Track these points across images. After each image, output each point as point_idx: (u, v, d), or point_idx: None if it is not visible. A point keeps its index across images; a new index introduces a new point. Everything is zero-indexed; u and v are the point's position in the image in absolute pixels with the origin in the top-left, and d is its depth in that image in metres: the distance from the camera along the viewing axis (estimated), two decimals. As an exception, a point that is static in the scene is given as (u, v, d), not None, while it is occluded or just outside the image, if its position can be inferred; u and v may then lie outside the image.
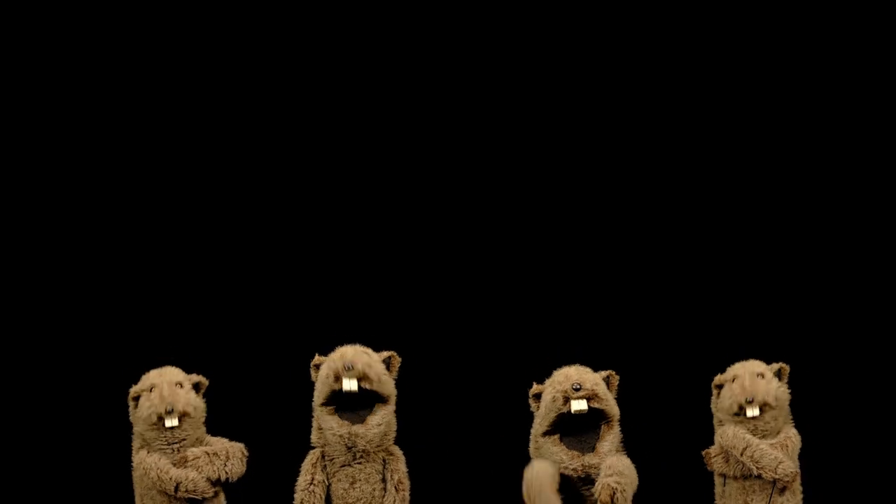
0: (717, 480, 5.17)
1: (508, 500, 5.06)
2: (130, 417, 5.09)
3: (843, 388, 6.21)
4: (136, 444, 5.10)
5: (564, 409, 4.87)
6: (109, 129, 6.35)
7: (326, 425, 4.94)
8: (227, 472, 5.02)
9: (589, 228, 6.37)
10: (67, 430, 6.24)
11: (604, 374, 4.99)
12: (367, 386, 4.90)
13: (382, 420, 4.95)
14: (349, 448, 4.94)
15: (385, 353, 5.03)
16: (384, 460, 4.99)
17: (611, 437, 4.93)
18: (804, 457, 5.11)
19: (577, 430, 4.94)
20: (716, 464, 5.11)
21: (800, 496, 5.09)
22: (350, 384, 4.87)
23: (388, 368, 5.01)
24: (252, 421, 5.81)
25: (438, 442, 5.15)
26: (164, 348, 5.64)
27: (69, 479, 6.22)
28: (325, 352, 5.08)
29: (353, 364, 4.88)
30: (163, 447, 5.02)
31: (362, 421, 4.94)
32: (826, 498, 5.59)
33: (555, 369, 5.02)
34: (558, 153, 6.41)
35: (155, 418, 4.98)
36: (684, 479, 5.37)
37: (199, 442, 5.09)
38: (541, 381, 5.03)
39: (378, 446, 4.97)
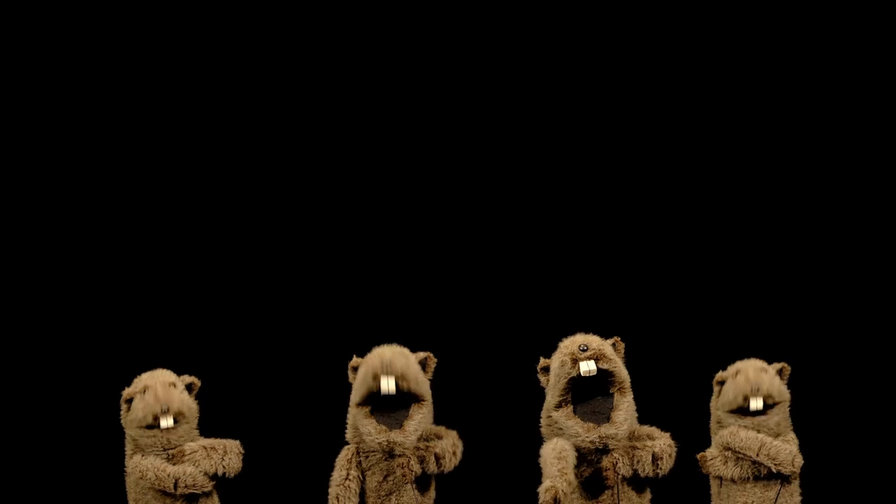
0: (713, 483, 5.20)
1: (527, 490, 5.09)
2: (122, 421, 5.15)
3: (840, 390, 6.26)
4: (128, 449, 5.17)
5: (574, 373, 4.88)
6: (106, 131, 6.40)
7: (364, 430, 4.97)
8: (224, 467, 5.09)
9: (593, 227, 6.44)
10: (59, 436, 6.25)
11: (610, 340, 5.02)
12: (404, 387, 4.94)
13: (419, 425, 4.98)
14: (387, 453, 4.99)
15: (421, 354, 5.08)
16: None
17: (625, 406, 4.94)
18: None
19: (589, 399, 4.94)
20: (713, 467, 5.13)
21: (798, 498, 5.14)
22: (388, 385, 4.91)
23: (423, 369, 5.07)
24: (260, 420, 5.96)
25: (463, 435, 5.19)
26: (158, 352, 5.70)
27: (61, 485, 6.23)
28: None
29: (392, 365, 4.93)
30: (157, 452, 5.10)
31: (398, 423, 4.98)
32: (824, 499, 5.65)
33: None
34: (567, 145, 6.46)
35: (150, 418, 5.06)
36: (682, 481, 5.37)
37: None
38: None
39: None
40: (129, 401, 5.13)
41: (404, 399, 5.01)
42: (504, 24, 6.45)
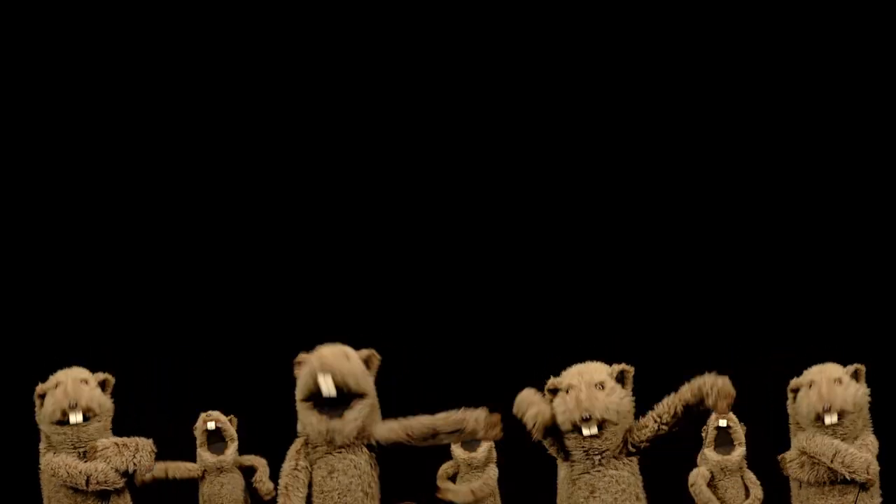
0: (793, 485, 5.21)
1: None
2: (36, 417, 5.20)
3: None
4: (43, 446, 5.21)
5: (572, 430, 4.84)
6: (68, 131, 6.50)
7: (307, 420, 5.04)
8: (135, 464, 5.12)
9: (604, 236, 6.54)
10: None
11: (617, 368, 4.92)
12: (344, 388, 4.98)
13: (359, 415, 5.02)
14: (329, 442, 5.04)
15: (365, 352, 5.12)
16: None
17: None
18: (882, 459, 5.11)
19: None
20: (791, 469, 5.15)
21: (879, 499, 5.12)
22: (329, 390, 4.96)
23: (367, 367, 5.10)
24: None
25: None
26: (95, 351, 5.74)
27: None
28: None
29: (332, 367, 4.97)
30: (68, 450, 5.13)
31: (340, 414, 5.01)
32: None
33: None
34: (588, 155, 6.56)
35: (59, 414, 5.09)
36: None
37: None
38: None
39: (357, 439, 5.06)
40: (43, 396, 5.17)
41: (348, 396, 5.05)
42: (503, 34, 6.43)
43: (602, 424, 4.73)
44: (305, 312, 6.43)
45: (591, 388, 4.75)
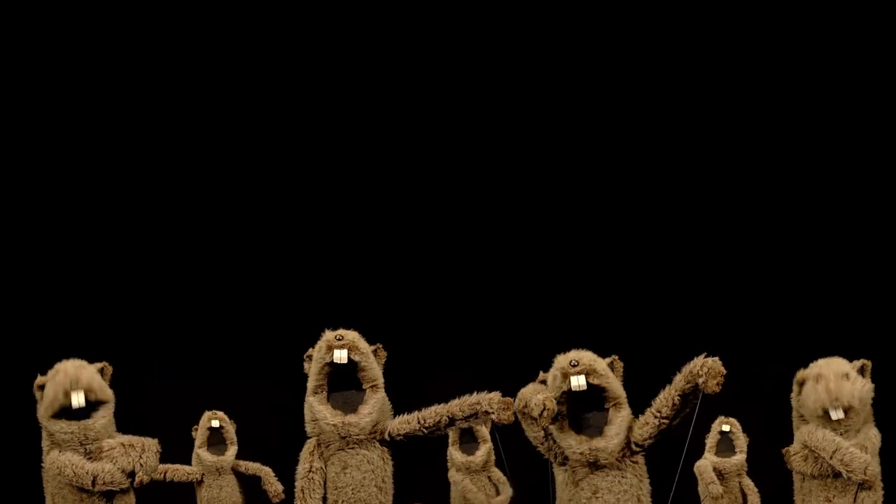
0: (796, 478, 5.24)
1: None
2: (38, 413, 5.16)
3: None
4: (45, 444, 5.19)
5: (565, 387, 4.88)
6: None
7: (320, 415, 5.12)
8: (141, 465, 5.12)
9: (603, 240, 6.57)
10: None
11: (608, 360, 5.01)
12: (355, 357, 5.11)
13: (374, 408, 5.12)
14: (343, 437, 5.11)
15: (372, 347, 5.23)
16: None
17: (619, 421, 4.91)
18: (884, 453, 5.15)
19: (588, 413, 4.94)
20: (795, 462, 5.18)
21: (881, 492, 5.14)
22: (340, 354, 5.08)
23: (375, 359, 5.20)
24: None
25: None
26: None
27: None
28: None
29: (343, 335, 5.12)
30: (75, 447, 5.11)
31: (354, 410, 5.12)
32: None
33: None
34: (590, 155, 6.61)
35: (62, 396, 5.06)
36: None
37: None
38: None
39: (371, 434, 5.13)
40: (43, 387, 5.15)
41: (360, 390, 5.17)
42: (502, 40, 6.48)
43: (587, 375, 4.81)
44: (304, 312, 6.44)
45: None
